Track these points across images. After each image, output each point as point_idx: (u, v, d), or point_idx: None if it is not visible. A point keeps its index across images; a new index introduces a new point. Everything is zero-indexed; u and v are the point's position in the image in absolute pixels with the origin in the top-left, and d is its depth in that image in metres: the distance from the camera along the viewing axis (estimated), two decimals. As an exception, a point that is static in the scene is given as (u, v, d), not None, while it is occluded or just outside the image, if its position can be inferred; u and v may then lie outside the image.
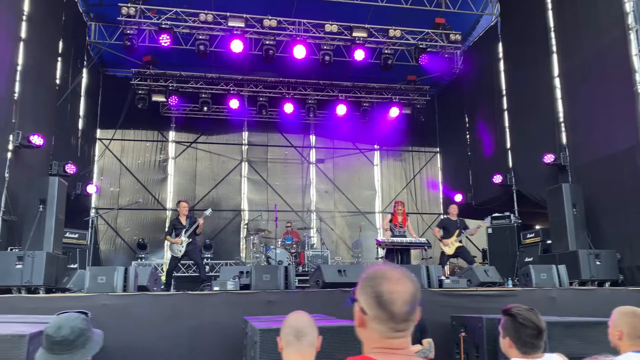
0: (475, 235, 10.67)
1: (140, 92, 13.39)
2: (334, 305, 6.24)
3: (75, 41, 11.40)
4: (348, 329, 4.20)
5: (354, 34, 11.87)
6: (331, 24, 11.73)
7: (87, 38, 12.41)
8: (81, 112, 12.37)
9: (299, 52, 11.77)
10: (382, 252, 8.87)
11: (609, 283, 8.08)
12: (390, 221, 9.13)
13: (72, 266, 8.89)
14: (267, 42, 11.72)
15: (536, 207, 10.98)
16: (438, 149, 16.30)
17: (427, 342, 4.93)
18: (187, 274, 12.43)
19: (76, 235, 9.51)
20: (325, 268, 7.02)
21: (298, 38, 11.83)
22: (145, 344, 5.48)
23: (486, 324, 5.22)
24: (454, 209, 9.73)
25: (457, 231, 9.35)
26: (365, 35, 11.91)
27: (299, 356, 2.16)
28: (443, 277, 7.04)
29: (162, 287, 7.99)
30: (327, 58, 11.98)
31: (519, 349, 2.34)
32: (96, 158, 13.88)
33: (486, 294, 6.78)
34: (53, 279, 6.91)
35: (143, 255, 12.54)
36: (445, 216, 9.79)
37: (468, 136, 13.98)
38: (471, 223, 10.23)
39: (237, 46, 11.44)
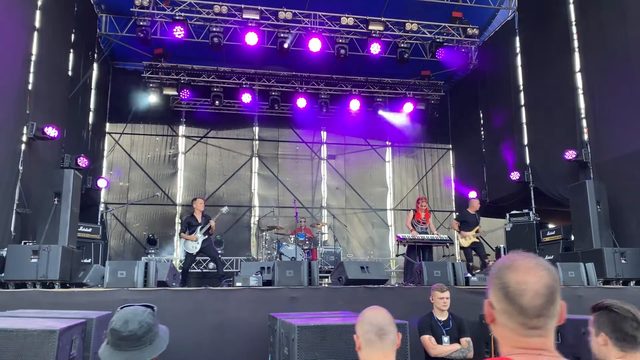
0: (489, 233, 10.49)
1: (151, 85, 13.21)
2: (358, 302, 6.07)
3: (86, 33, 11.23)
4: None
5: (370, 27, 11.67)
6: (347, 17, 11.53)
7: (98, 30, 12.22)
8: (91, 105, 12.20)
9: (315, 45, 11.57)
10: (403, 248, 8.70)
11: (634, 282, 7.89)
12: (413, 217, 8.98)
13: (85, 261, 8.74)
14: (282, 35, 11.52)
15: (553, 204, 10.80)
16: (450, 146, 16.10)
17: (466, 341, 4.77)
18: (197, 270, 12.25)
19: (89, 230, 9.37)
20: (348, 264, 6.85)
21: (313, 31, 11.63)
22: (169, 340, 5.32)
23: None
24: (475, 203, 9.58)
25: (477, 227, 9.21)
26: (381, 28, 11.72)
27: (381, 355, 1.99)
28: (469, 275, 6.86)
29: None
30: (342, 51, 11.78)
31: (616, 345, 2.12)
32: (105, 152, 13.73)
33: (513, 292, 6.60)
34: (68, 273, 6.75)
35: (153, 251, 12.37)
36: (465, 210, 9.61)
37: (483, 132, 13.77)
38: (491, 222, 10.04)
39: (251, 39, 11.24)
